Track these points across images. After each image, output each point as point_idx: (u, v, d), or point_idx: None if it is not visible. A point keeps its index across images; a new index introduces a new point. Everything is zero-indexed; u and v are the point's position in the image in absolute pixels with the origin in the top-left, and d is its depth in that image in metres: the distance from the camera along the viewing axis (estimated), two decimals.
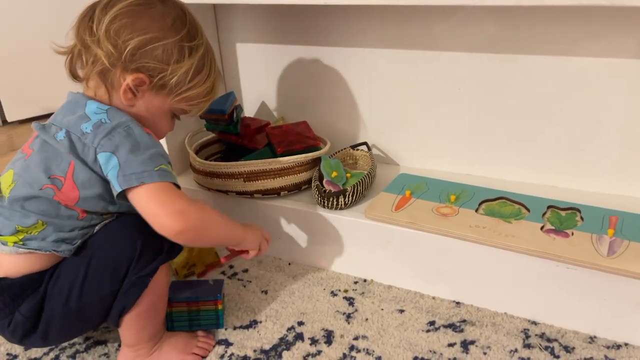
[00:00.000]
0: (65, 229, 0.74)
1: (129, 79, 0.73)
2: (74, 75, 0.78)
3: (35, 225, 0.73)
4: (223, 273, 1.05)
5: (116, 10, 0.72)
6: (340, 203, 0.98)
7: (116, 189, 0.70)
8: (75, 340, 0.88)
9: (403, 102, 1.12)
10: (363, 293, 0.97)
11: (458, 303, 0.93)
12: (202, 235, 0.76)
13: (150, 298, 0.77)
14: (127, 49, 0.72)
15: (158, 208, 0.70)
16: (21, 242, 0.73)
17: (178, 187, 0.74)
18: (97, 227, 0.77)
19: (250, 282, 1.02)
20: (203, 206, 0.76)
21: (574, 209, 0.93)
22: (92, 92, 0.77)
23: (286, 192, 1.04)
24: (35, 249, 0.73)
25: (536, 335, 0.85)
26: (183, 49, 0.75)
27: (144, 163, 0.70)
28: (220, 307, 0.87)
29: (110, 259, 0.74)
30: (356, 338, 0.87)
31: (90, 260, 0.75)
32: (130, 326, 0.78)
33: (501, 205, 0.95)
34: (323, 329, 0.89)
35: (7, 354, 0.86)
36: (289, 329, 0.89)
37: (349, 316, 0.91)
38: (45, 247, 0.74)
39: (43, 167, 0.73)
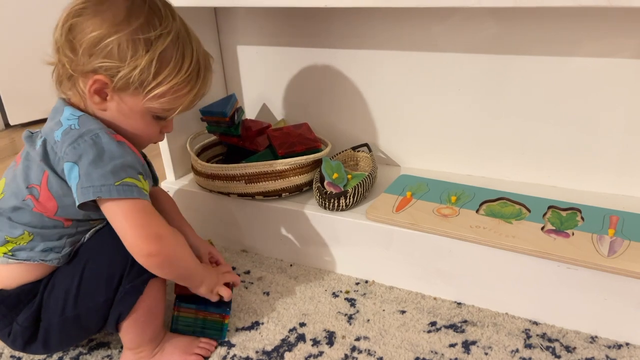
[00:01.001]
0: (53, 237, 0.74)
1: (89, 83, 0.69)
2: (59, 85, 0.75)
3: (22, 236, 0.73)
4: None
5: (71, 10, 0.69)
6: (341, 204, 0.98)
7: (75, 202, 0.68)
8: None
9: (404, 104, 1.12)
10: (364, 294, 0.97)
11: (459, 304, 0.93)
12: (171, 264, 0.73)
13: (147, 303, 0.77)
14: (82, 49, 0.68)
15: (136, 228, 0.68)
16: (10, 253, 0.74)
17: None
18: (87, 235, 0.77)
19: (252, 283, 1.02)
20: (179, 237, 0.74)
21: (574, 209, 0.93)
22: (73, 99, 0.75)
23: (287, 193, 1.04)
24: (25, 260, 0.74)
25: (537, 335, 0.85)
26: (137, 42, 0.68)
27: (103, 176, 0.67)
28: (226, 321, 0.87)
29: (103, 268, 0.73)
30: (358, 339, 0.87)
31: (84, 270, 0.75)
32: (129, 331, 0.79)
33: (502, 205, 0.96)
34: (325, 330, 0.89)
35: (11, 356, 0.87)
36: (290, 330, 0.89)
37: (350, 317, 0.92)
38: (34, 257, 0.74)
39: (24, 176, 0.72)
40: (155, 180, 0.87)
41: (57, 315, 0.74)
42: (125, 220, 0.68)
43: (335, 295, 0.98)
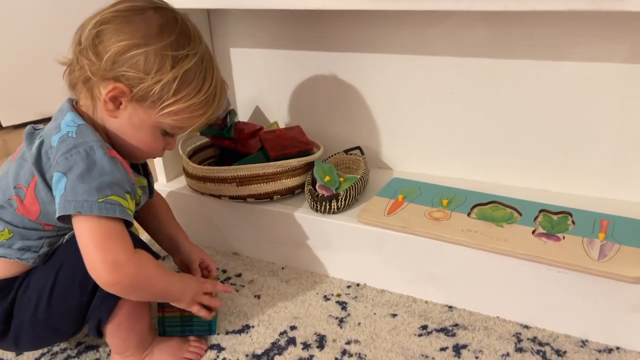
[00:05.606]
0: (32, 237, 0.74)
1: (108, 89, 0.69)
2: (72, 87, 0.75)
3: (2, 233, 0.73)
4: (216, 277, 1.04)
5: (102, 17, 0.70)
6: (333, 207, 0.98)
7: (56, 213, 0.67)
8: (67, 345, 0.88)
9: (396, 107, 1.12)
10: (356, 297, 0.97)
11: (450, 307, 0.93)
12: (136, 289, 0.70)
13: (128, 308, 0.76)
14: (107, 55, 0.68)
15: (96, 251, 0.66)
16: None
17: (129, 223, 0.70)
18: (66, 237, 0.76)
19: (243, 286, 1.01)
20: (142, 260, 0.70)
21: (565, 213, 0.93)
22: (82, 102, 0.74)
23: (279, 196, 1.04)
24: (1, 256, 0.73)
25: (528, 339, 0.85)
26: (165, 58, 0.69)
27: (88, 192, 0.65)
28: (213, 313, 0.87)
29: (77, 271, 0.70)
30: (348, 342, 0.86)
31: (59, 271, 0.74)
32: (113, 336, 0.78)
33: (493, 209, 0.96)
34: (315, 333, 0.89)
35: (0, 359, 0.86)
36: (281, 334, 0.89)
37: (341, 320, 0.91)
38: (10, 254, 0.73)
39: (14, 175, 0.72)
40: (151, 193, 0.87)
41: (29, 315, 0.74)
42: (90, 240, 0.66)
43: (326, 298, 0.97)
